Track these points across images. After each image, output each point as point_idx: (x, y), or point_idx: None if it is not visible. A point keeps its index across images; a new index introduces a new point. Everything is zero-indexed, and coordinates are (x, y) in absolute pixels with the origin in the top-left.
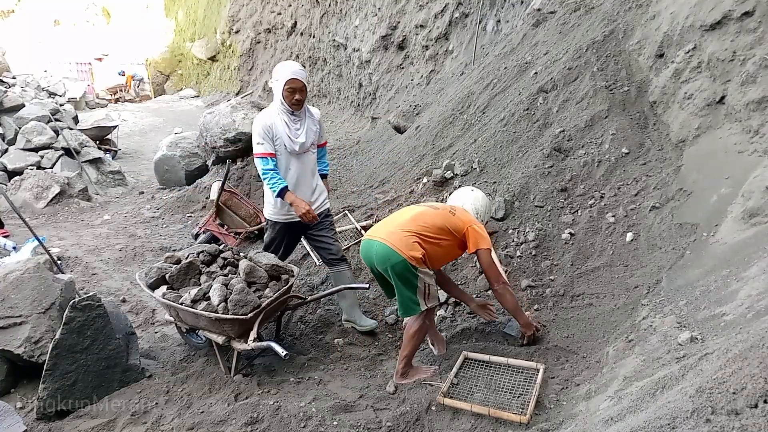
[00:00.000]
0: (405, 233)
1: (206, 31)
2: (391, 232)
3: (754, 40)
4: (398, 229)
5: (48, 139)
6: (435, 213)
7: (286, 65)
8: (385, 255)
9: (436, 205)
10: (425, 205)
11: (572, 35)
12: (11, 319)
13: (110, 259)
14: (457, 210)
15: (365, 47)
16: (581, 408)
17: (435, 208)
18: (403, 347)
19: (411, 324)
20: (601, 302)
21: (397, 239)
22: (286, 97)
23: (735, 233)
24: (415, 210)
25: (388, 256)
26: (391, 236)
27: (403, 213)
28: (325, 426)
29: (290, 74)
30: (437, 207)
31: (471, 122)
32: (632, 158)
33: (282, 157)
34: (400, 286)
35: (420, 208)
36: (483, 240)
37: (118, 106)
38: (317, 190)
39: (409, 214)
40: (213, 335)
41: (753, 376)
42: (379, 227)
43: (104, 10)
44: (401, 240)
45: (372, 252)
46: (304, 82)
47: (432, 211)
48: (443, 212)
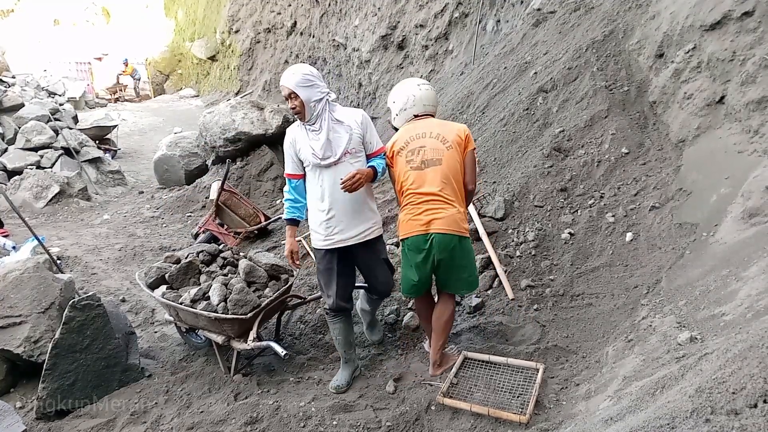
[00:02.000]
0: (455, 209)
1: (206, 31)
2: (444, 217)
3: (754, 40)
4: (448, 206)
5: (47, 138)
6: (450, 157)
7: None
8: (449, 241)
9: (436, 145)
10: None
11: (572, 35)
12: (11, 319)
13: (110, 258)
14: (445, 129)
15: (365, 47)
16: (581, 408)
17: (443, 149)
18: (440, 336)
19: (445, 309)
20: (601, 302)
21: (452, 220)
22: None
23: (735, 233)
24: (442, 169)
25: (450, 242)
26: (447, 222)
27: (436, 177)
28: (324, 426)
29: (281, 82)
30: (439, 148)
31: (471, 122)
32: (632, 158)
33: (310, 171)
34: (467, 263)
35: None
36: (472, 141)
37: (118, 106)
38: (361, 212)
39: (441, 176)
40: (212, 335)
41: (752, 376)
42: (428, 212)
43: (104, 9)
44: (456, 218)
45: (435, 244)
46: (290, 89)
47: (447, 156)
48: (448, 151)
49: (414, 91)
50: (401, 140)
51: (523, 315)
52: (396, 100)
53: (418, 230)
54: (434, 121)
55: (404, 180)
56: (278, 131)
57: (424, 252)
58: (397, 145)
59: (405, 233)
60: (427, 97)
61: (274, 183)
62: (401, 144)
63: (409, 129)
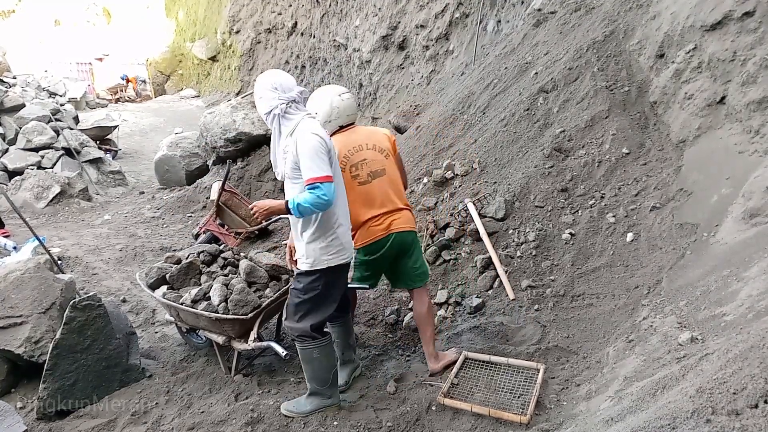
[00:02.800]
0: (404, 206)
1: (207, 31)
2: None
3: (755, 40)
4: (401, 204)
5: (48, 139)
6: (390, 165)
7: None
8: (410, 239)
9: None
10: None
11: (573, 35)
12: (12, 319)
13: (110, 259)
14: (376, 138)
15: (365, 47)
16: (581, 408)
17: (382, 160)
18: (427, 328)
19: (422, 303)
20: (602, 302)
21: (408, 217)
22: None
23: (735, 233)
24: (381, 187)
25: (410, 239)
26: (406, 220)
27: (380, 195)
28: (325, 426)
29: None
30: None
31: (471, 122)
32: (633, 158)
33: None
34: (419, 253)
35: (385, 178)
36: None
37: (119, 106)
38: (297, 239)
39: (388, 186)
40: (213, 335)
41: (753, 376)
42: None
43: (105, 10)
44: (410, 216)
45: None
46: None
47: (388, 165)
48: (387, 160)
49: (337, 103)
50: (340, 155)
51: (524, 315)
52: (318, 112)
53: (378, 235)
54: (363, 131)
55: (353, 201)
56: None
57: (382, 251)
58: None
59: (365, 241)
60: (350, 107)
61: (275, 183)
62: (341, 159)
63: (344, 142)
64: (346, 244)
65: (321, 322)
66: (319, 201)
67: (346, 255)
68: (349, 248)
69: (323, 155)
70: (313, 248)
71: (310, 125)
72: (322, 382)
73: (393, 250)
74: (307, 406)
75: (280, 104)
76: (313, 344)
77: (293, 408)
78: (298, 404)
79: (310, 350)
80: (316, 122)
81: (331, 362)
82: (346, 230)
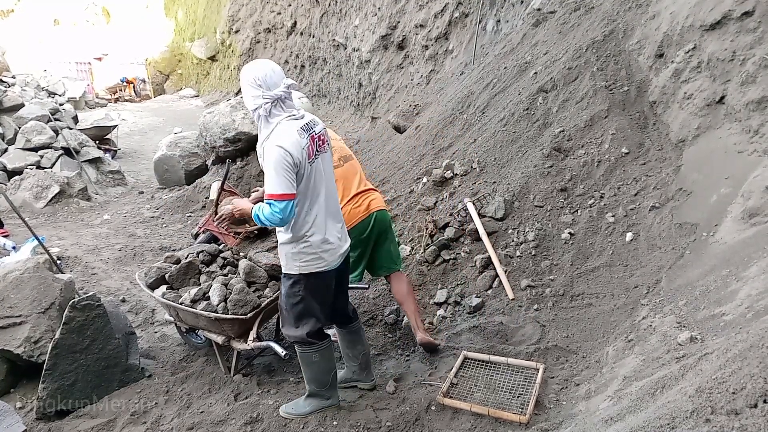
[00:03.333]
0: (373, 187)
1: (206, 31)
2: (375, 198)
3: (754, 40)
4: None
5: (47, 138)
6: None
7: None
8: (388, 218)
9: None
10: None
11: (572, 35)
12: (11, 319)
13: (110, 258)
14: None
15: (365, 47)
16: (581, 408)
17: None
18: (410, 304)
19: (401, 284)
20: (601, 302)
21: (380, 197)
22: None
23: (735, 233)
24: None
25: (388, 218)
26: (380, 200)
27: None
28: (324, 426)
29: None
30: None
31: (471, 122)
32: (632, 158)
33: None
34: (394, 234)
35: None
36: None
37: (118, 106)
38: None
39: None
40: (213, 335)
41: (752, 375)
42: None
43: (104, 9)
44: (381, 196)
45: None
46: None
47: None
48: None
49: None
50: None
51: (523, 315)
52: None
53: (361, 216)
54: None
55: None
56: None
57: (368, 230)
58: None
59: (349, 224)
60: (307, 109)
61: None
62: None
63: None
64: (323, 254)
65: (317, 328)
66: (272, 218)
67: (321, 264)
68: (329, 258)
69: (285, 170)
70: (285, 251)
71: (279, 134)
72: (321, 384)
73: (375, 230)
74: (306, 408)
75: (264, 104)
76: (311, 349)
77: (292, 410)
78: (296, 406)
79: (309, 354)
80: (291, 128)
81: (330, 365)
82: (322, 241)
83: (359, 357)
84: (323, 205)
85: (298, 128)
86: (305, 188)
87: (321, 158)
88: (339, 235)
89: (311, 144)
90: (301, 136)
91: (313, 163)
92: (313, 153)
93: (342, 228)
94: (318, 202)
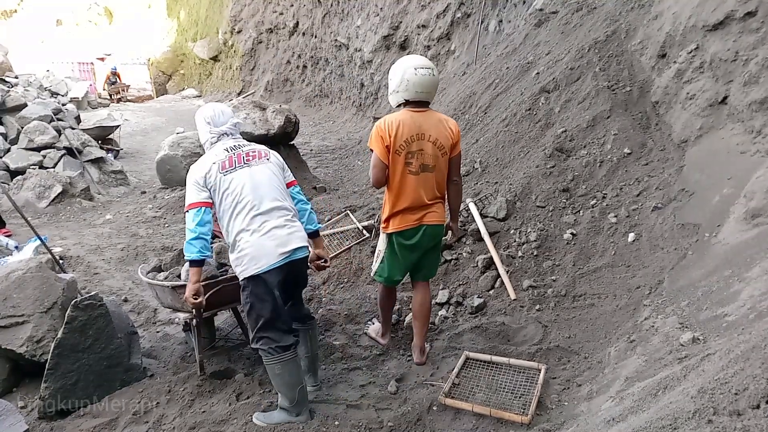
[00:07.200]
0: (441, 197)
1: (208, 31)
2: (434, 212)
3: (757, 40)
4: (439, 197)
5: (50, 138)
6: (443, 163)
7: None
8: (440, 232)
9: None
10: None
11: (574, 35)
12: (13, 319)
13: (112, 258)
14: (442, 134)
15: (367, 47)
16: (583, 408)
17: (438, 157)
18: (424, 323)
19: (425, 297)
20: (603, 302)
21: (441, 211)
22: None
23: (737, 234)
24: (434, 175)
25: (440, 230)
26: (439, 214)
27: (429, 182)
28: (326, 426)
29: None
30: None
31: (473, 122)
32: (634, 158)
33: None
34: (437, 252)
35: (432, 175)
36: (460, 141)
37: (120, 106)
38: None
39: (433, 181)
40: (181, 314)
41: (755, 376)
42: (423, 210)
43: (106, 9)
44: (443, 209)
45: (434, 234)
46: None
47: (441, 163)
48: (442, 158)
49: (409, 75)
50: (401, 138)
51: (525, 315)
52: (392, 78)
53: (410, 224)
54: (433, 119)
55: (400, 185)
56: (280, 132)
57: (414, 239)
58: (398, 141)
59: (397, 227)
60: (421, 84)
61: None
62: (401, 142)
63: (411, 126)
64: (255, 253)
65: (275, 337)
66: (190, 225)
67: (260, 264)
68: (262, 256)
69: (192, 184)
70: (231, 261)
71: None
72: (288, 400)
73: (425, 242)
74: (275, 419)
75: (210, 138)
76: (273, 359)
77: (263, 418)
78: (268, 416)
79: (272, 365)
80: (217, 149)
81: (295, 380)
82: (255, 242)
83: (302, 357)
84: (256, 207)
85: (224, 148)
86: (226, 195)
87: (249, 168)
88: (280, 233)
89: (231, 158)
90: (221, 153)
91: (231, 173)
92: (231, 165)
93: (288, 227)
94: (244, 207)
